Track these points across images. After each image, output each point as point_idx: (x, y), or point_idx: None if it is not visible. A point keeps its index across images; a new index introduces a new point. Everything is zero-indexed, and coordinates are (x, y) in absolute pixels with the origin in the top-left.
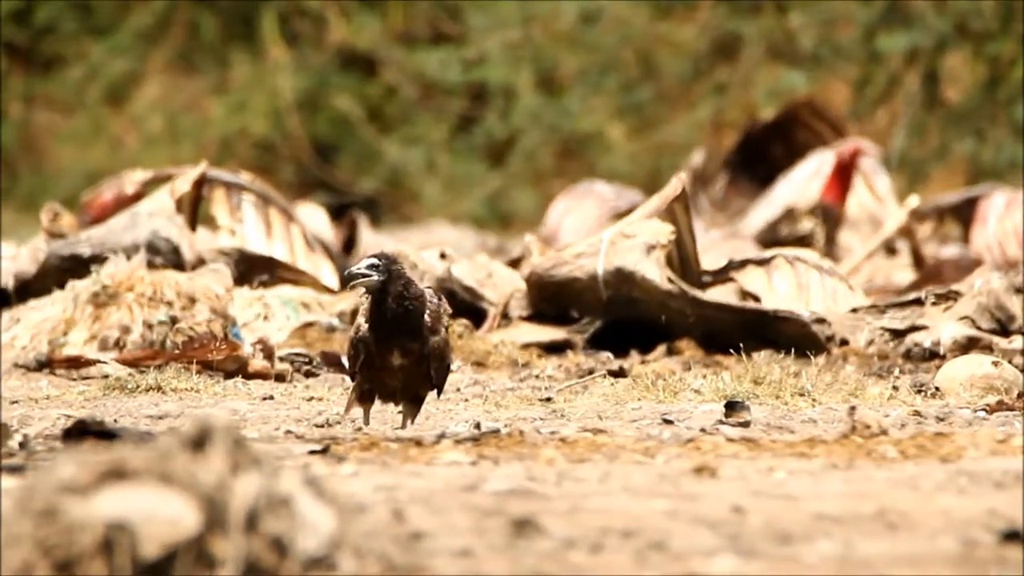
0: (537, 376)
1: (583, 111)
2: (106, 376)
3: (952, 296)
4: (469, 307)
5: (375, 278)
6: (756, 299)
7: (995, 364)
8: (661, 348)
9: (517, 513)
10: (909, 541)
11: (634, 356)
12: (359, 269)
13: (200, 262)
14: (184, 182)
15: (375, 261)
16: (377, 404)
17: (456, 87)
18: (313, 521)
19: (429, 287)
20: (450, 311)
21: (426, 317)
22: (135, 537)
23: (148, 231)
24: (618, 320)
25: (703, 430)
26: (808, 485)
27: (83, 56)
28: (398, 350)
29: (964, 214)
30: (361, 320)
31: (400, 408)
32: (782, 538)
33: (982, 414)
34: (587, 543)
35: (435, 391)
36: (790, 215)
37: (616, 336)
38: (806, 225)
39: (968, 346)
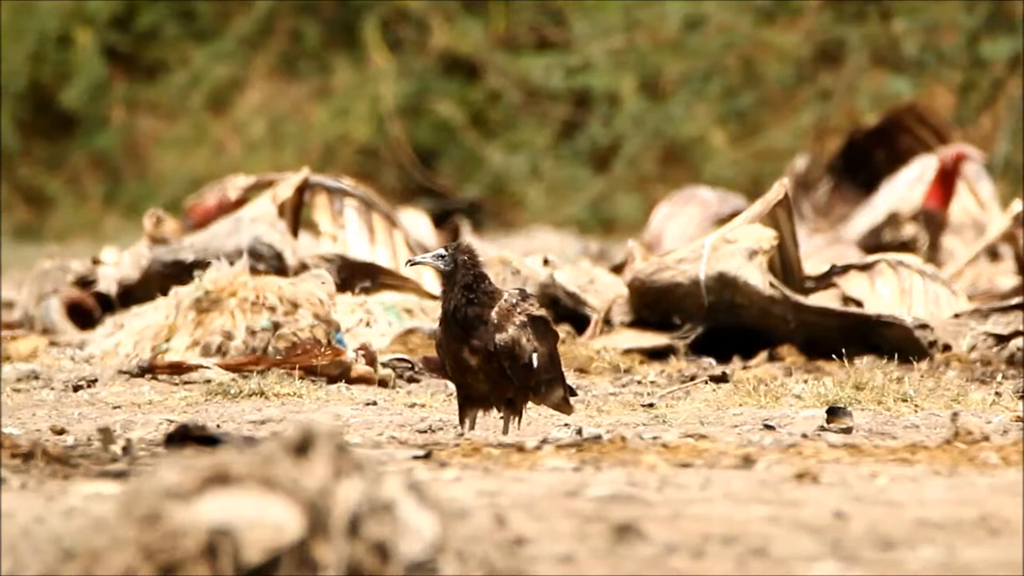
0: (639, 382)
1: (686, 117)
2: (208, 381)
3: None
4: (571, 313)
5: (440, 266)
6: (859, 304)
7: None
8: (763, 354)
9: (619, 519)
10: (1011, 548)
11: (736, 362)
12: (424, 258)
13: (302, 268)
14: (286, 188)
15: (443, 252)
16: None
17: (560, 92)
18: (416, 526)
19: (520, 288)
20: (536, 312)
21: (492, 314)
22: (238, 542)
23: (250, 237)
24: (720, 326)
25: (805, 436)
26: (910, 491)
27: (186, 62)
28: (467, 348)
29: None
30: None
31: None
32: (884, 544)
33: None
34: (688, 549)
35: (531, 392)
36: (893, 221)
37: (718, 342)
38: (909, 230)
39: None
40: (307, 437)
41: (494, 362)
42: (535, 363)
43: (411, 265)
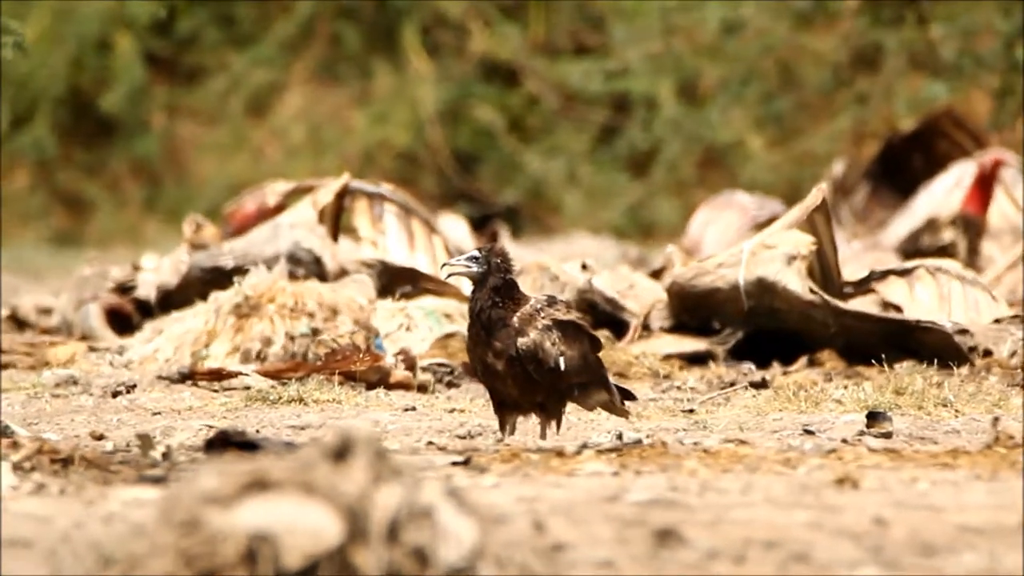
0: (679, 387)
1: (724, 121)
2: (248, 387)
3: None
4: (610, 318)
5: (474, 269)
6: (898, 310)
7: None
8: (803, 359)
9: (659, 523)
10: None
11: (776, 367)
12: (458, 260)
13: (342, 273)
14: (326, 193)
15: (476, 254)
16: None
17: (598, 97)
18: (455, 532)
19: (549, 296)
20: (564, 316)
21: (515, 318)
22: (278, 547)
23: (290, 242)
24: (759, 331)
25: (845, 441)
26: (951, 496)
27: (226, 67)
28: (491, 351)
29: None
30: None
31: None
32: (925, 550)
33: None
34: (730, 554)
35: (564, 396)
36: (931, 226)
37: (757, 347)
38: (948, 236)
39: None
40: (346, 443)
41: (518, 366)
42: (563, 366)
43: (446, 271)
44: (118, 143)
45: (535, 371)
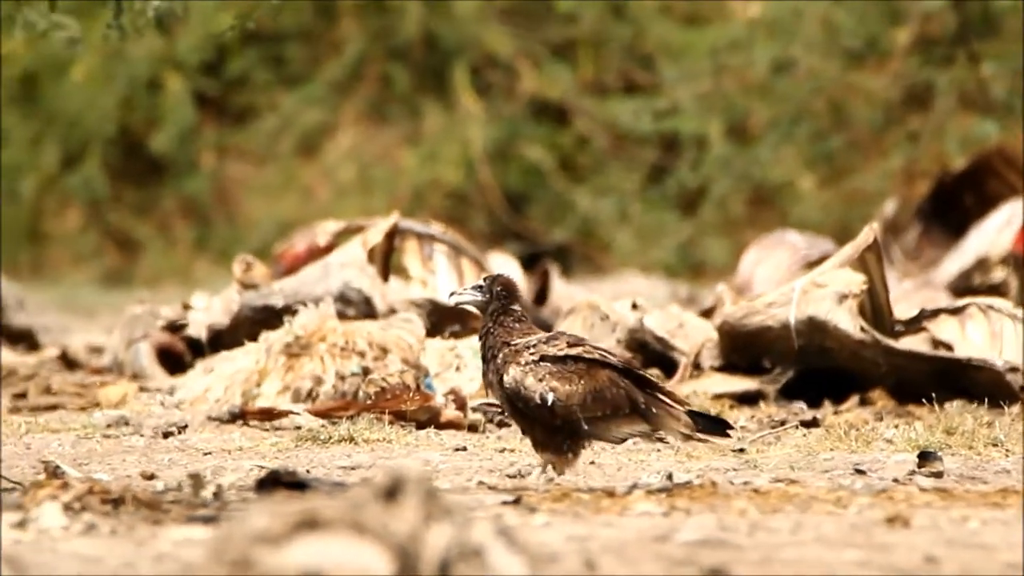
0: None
1: (774, 160)
2: (299, 427)
3: None
4: (661, 357)
5: (478, 298)
6: (949, 348)
7: None
8: (854, 398)
9: (709, 563)
10: None
11: (827, 406)
12: (465, 289)
13: (392, 313)
14: (376, 233)
15: (481, 282)
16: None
17: (648, 136)
18: (505, 570)
19: (562, 332)
20: (560, 351)
21: (500, 355)
22: None
23: (340, 282)
24: (810, 370)
25: (896, 480)
26: (1002, 535)
27: (275, 107)
28: (487, 383)
29: None
30: None
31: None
32: None
33: None
34: None
35: (565, 432)
36: (982, 265)
37: (808, 386)
38: (999, 275)
39: None
40: (397, 482)
41: (506, 402)
42: (549, 402)
43: (454, 299)
44: (168, 183)
45: (524, 407)
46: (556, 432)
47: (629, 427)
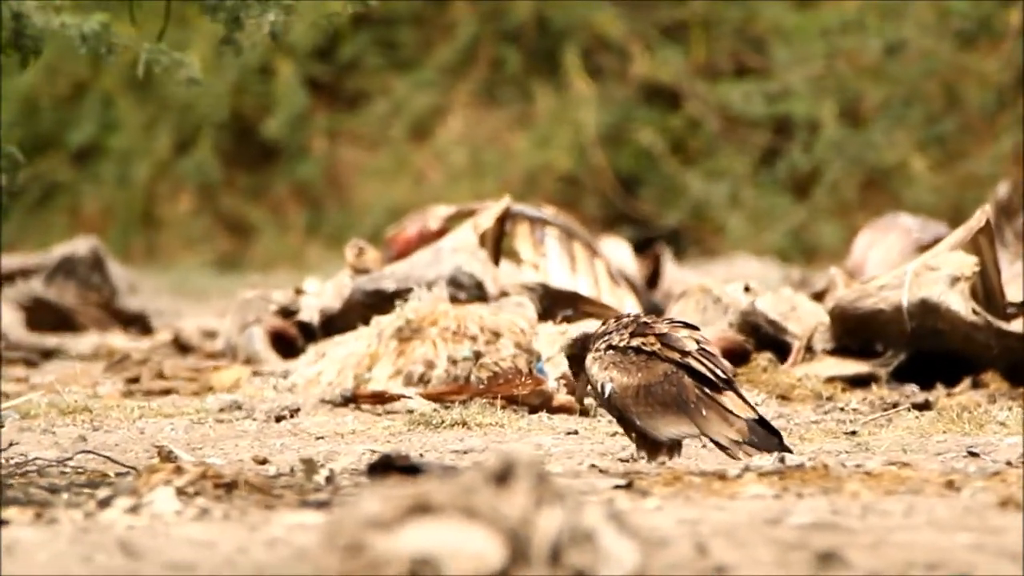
0: (842, 409)
1: (887, 143)
2: (411, 411)
3: None
4: (773, 340)
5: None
6: None
7: None
8: (966, 380)
9: (821, 546)
10: None
11: (939, 389)
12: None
13: (504, 297)
14: (487, 217)
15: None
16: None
17: (760, 120)
18: (617, 554)
19: (637, 314)
20: (624, 343)
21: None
22: (440, 571)
23: (451, 266)
24: (923, 353)
25: (1009, 463)
26: None
27: (387, 91)
28: None
29: None
30: None
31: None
32: None
33: None
34: None
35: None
36: None
37: (921, 369)
38: None
39: None
40: (508, 466)
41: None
42: (607, 393)
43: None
44: (280, 168)
45: (593, 394)
46: (619, 422)
47: (676, 427)
